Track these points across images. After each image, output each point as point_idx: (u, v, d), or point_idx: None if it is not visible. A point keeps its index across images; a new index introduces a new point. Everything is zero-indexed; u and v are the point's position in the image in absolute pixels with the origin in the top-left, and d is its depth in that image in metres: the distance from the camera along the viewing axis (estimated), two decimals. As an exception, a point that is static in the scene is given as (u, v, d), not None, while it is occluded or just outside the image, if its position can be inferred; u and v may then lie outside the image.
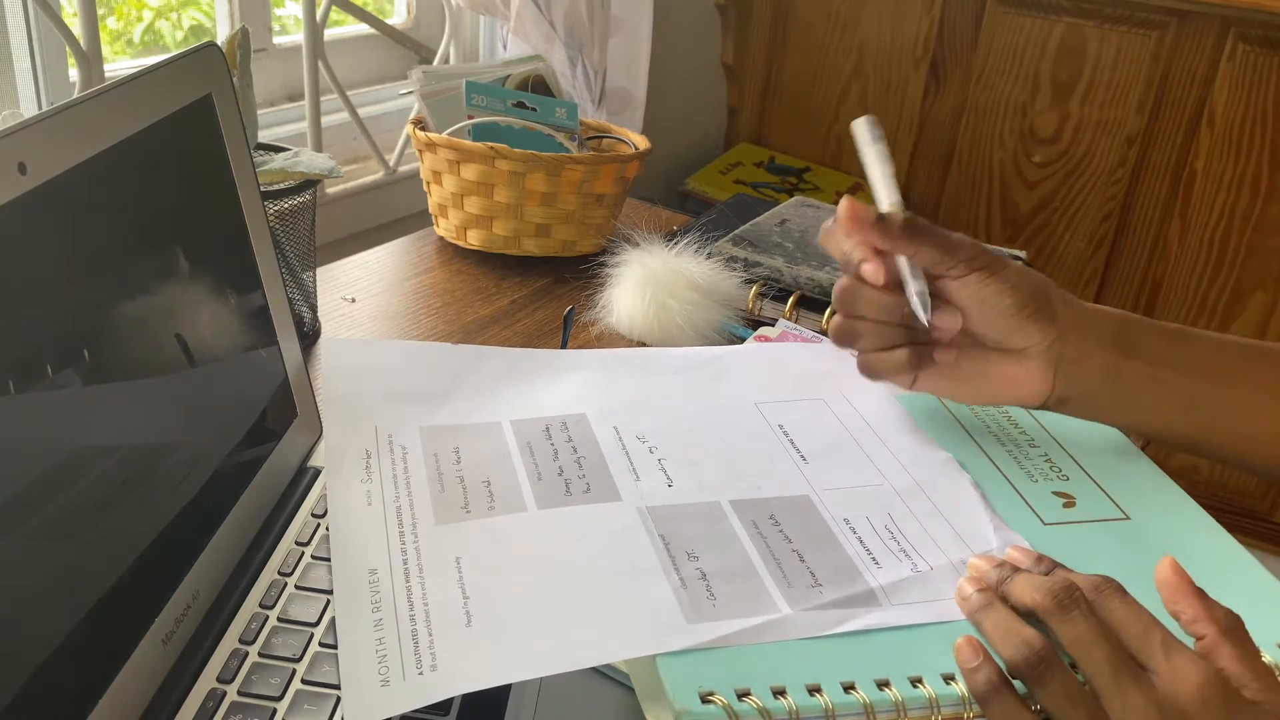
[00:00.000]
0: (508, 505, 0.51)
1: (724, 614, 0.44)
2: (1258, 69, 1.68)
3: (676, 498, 0.52)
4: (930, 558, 0.49)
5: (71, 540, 0.38)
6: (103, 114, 0.42)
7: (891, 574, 0.47)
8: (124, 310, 0.43)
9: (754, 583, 0.46)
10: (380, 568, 0.47)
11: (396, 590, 0.46)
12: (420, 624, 0.44)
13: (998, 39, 1.85)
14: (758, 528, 0.50)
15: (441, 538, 0.49)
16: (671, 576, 0.46)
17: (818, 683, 0.41)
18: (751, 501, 0.52)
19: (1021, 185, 1.91)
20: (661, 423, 0.59)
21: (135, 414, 0.43)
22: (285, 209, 0.74)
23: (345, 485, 0.53)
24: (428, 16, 1.52)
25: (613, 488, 0.53)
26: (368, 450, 0.55)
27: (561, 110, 0.99)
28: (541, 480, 0.53)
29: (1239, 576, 0.50)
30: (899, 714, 0.41)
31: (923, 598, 0.46)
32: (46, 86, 1.04)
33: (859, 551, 0.49)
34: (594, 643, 0.43)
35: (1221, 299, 1.81)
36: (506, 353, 0.65)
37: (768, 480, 0.54)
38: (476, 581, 0.46)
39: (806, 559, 0.48)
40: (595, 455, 0.55)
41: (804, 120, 2.08)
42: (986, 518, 0.52)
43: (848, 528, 0.51)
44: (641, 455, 0.55)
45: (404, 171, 1.38)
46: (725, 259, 0.85)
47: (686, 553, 0.48)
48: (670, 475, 0.54)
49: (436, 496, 0.52)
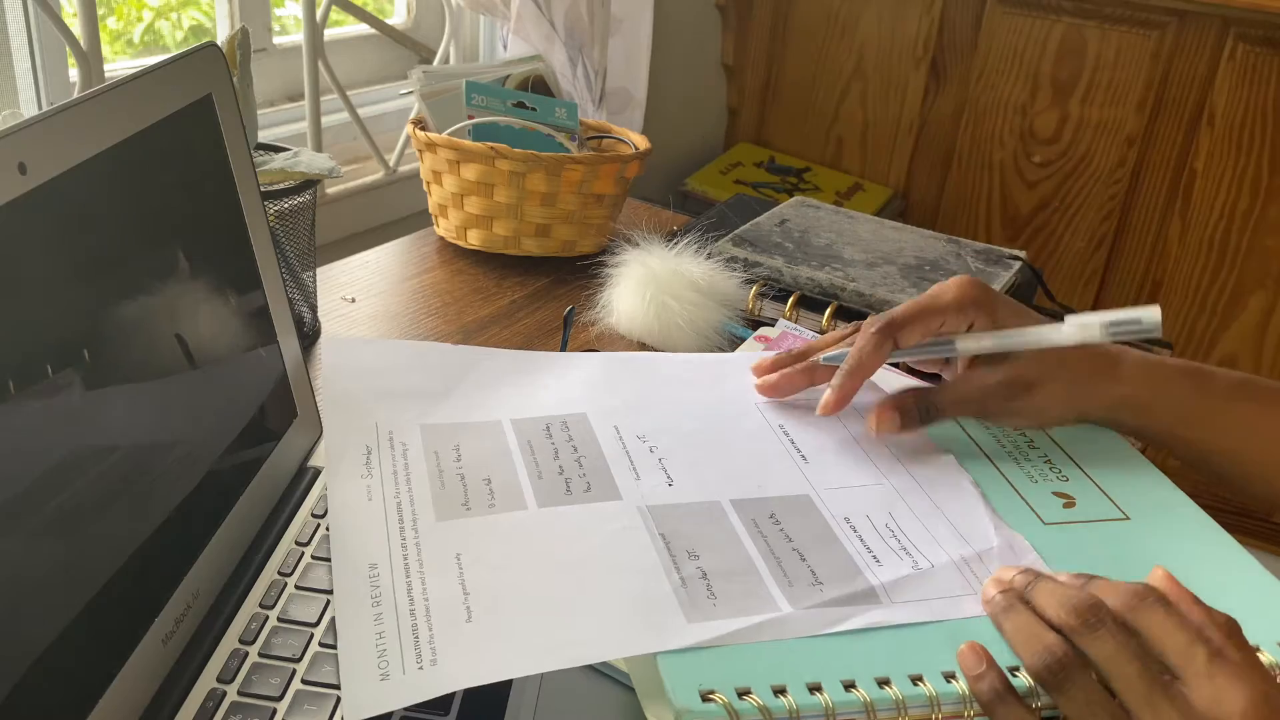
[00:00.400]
0: (508, 503, 0.51)
1: (724, 613, 0.44)
2: (1258, 69, 1.68)
3: (677, 497, 0.52)
4: (931, 555, 0.49)
5: (71, 540, 0.38)
6: (103, 114, 0.42)
7: (892, 572, 0.47)
8: (124, 310, 0.43)
9: (754, 581, 0.46)
10: (380, 563, 0.47)
11: (397, 585, 0.46)
12: (420, 619, 0.44)
13: (998, 39, 1.85)
14: (758, 526, 0.50)
15: (442, 534, 0.49)
16: (672, 575, 0.46)
17: (818, 681, 0.41)
18: (752, 501, 0.52)
19: (1021, 185, 1.92)
20: (662, 422, 0.59)
21: (135, 414, 0.43)
22: (285, 209, 0.74)
23: (345, 481, 0.53)
24: (428, 16, 1.52)
25: (613, 486, 0.52)
26: (368, 446, 0.55)
27: (561, 110, 0.99)
28: (542, 479, 0.53)
29: (1238, 576, 0.50)
30: (899, 712, 0.41)
31: (924, 595, 0.46)
32: (46, 86, 1.04)
33: (859, 550, 0.49)
34: (594, 640, 0.43)
35: (1221, 299, 1.81)
36: (507, 353, 0.65)
37: (768, 480, 0.54)
38: (477, 578, 0.46)
39: (807, 558, 0.48)
40: (596, 454, 0.55)
41: (804, 120, 2.08)
42: (987, 516, 0.52)
43: (848, 526, 0.51)
44: (642, 454, 0.55)
45: (404, 171, 1.38)
46: (725, 259, 0.85)
47: (687, 551, 0.48)
48: (671, 474, 0.54)
49: (437, 493, 0.52)
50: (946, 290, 0.59)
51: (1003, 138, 1.90)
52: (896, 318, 0.58)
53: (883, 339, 0.57)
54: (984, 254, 0.91)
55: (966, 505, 0.53)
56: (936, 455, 0.57)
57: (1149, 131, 1.79)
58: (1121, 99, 1.79)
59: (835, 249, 0.90)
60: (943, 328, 0.58)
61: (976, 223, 1.97)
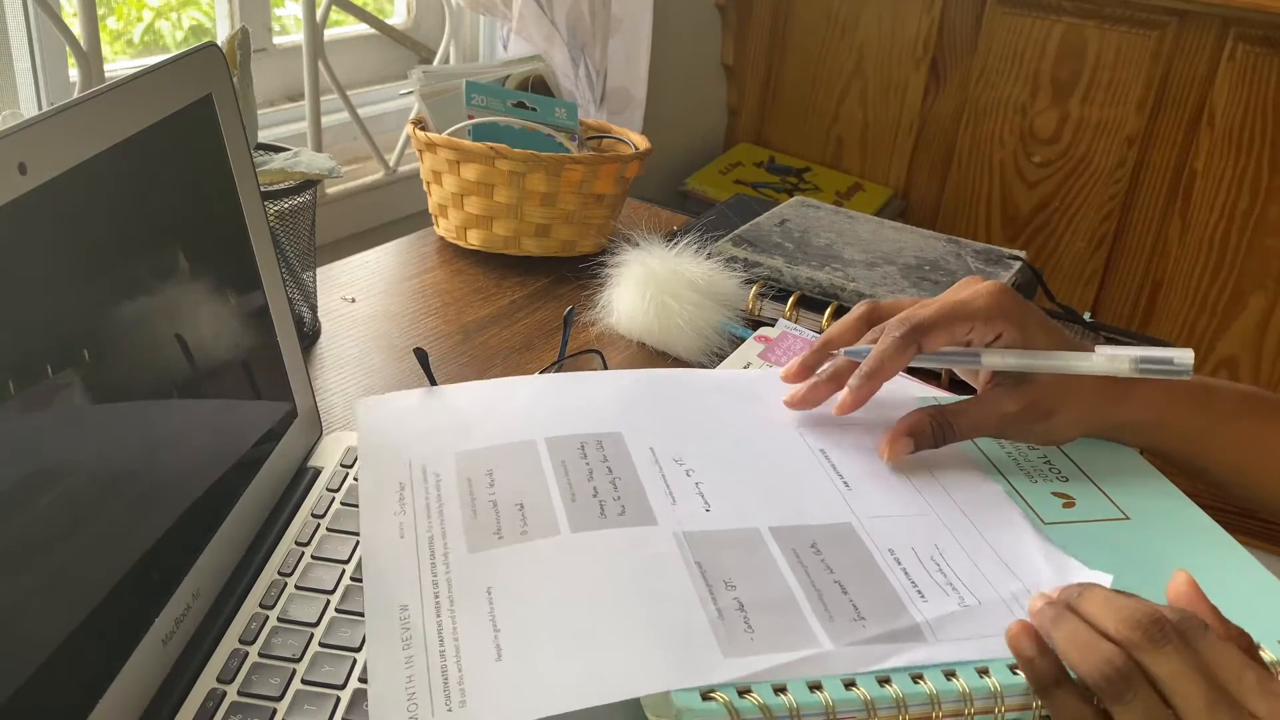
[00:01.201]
0: (541, 528, 0.49)
1: (762, 647, 0.42)
2: (1258, 69, 1.68)
3: (714, 523, 0.50)
4: (979, 592, 0.47)
5: (71, 540, 0.38)
6: (103, 114, 0.42)
7: (938, 608, 0.46)
8: (124, 310, 0.43)
9: (793, 614, 0.44)
10: (411, 604, 0.46)
11: (427, 625, 0.44)
12: (450, 659, 0.43)
13: (998, 39, 1.85)
14: (798, 556, 0.48)
15: (473, 567, 0.47)
16: (709, 606, 0.44)
17: (818, 679, 0.41)
18: (792, 529, 0.50)
19: (1021, 185, 1.92)
20: (699, 444, 0.56)
21: (135, 414, 0.43)
22: (285, 209, 0.74)
23: (379, 519, 0.51)
24: (428, 16, 1.52)
25: (648, 511, 0.50)
26: (401, 483, 0.54)
27: (561, 110, 0.99)
28: (575, 501, 0.51)
29: (1239, 576, 0.50)
30: (900, 711, 0.41)
31: (971, 634, 0.44)
32: (46, 86, 1.04)
33: (904, 584, 0.47)
34: (628, 676, 0.41)
35: (1221, 299, 1.81)
36: (540, 377, 0.64)
37: (809, 506, 0.52)
38: (508, 612, 0.45)
39: (849, 590, 0.46)
40: (631, 476, 0.53)
41: (804, 120, 2.08)
42: (1037, 547, 0.50)
43: (892, 558, 0.49)
44: (678, 478, 0.53)
45: (404, 171, 1.38)
46: (725, 259, 0.85)
47: (724, 581, 0.46)
48: (708, 499, 0.52)
49: (469, 523, 0.50)
50: (978, 297, 0.57)
51: (1003, 138, 1.90)
52: (924, 321, 0.56)
53: (906, 343, 0.55)
54: (984, 254, 0.91)
55: (1015, 537, 0.51)
56: (983, 483, 0.56)
57: (1149, 131, 1.79)
58: (1121, 99, 1.79)
59: (835, 249, 0.90)
60: (969, 334, 0.57)
61: (976, 223, 1.97)
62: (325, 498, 0.56)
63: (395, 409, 0.60)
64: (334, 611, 0.49)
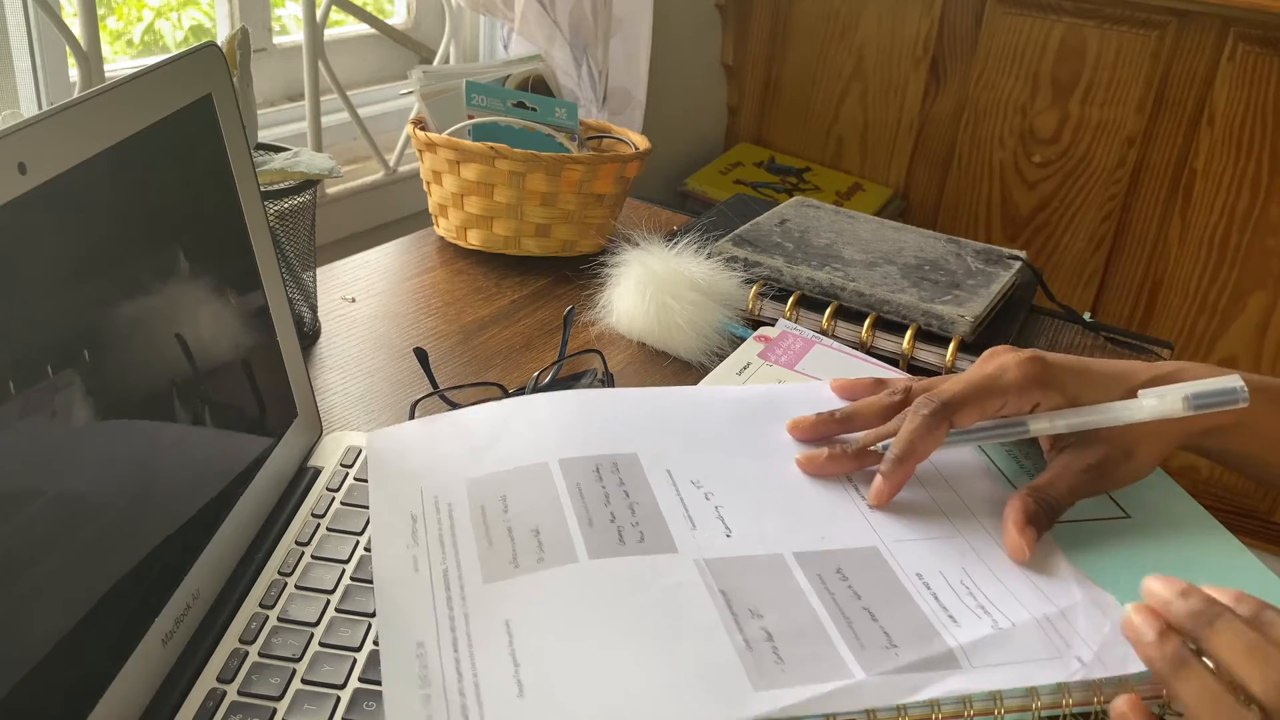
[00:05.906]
0: (558, 556, 0.48)
1: (793, 679, 0.41)
2: (1258, 69, 1.68)
3: (736, 549, 0.48)
4: (1011, 614, 0.46)
5: (71, 540, 0.38)
6: (103, 114, 0.42)
7: (971, 633, 0.44)
8: (124, 310, 0.43)
9: (823, 644, 0.43)
10: (428, 641, 0.44)
11: (445, 663, 0.43)
12: (470, 697, 0.41)
13: (998, 39, 1.85)
14: (824, 582, 0.47)
15: (490, 599, 0.46)
16: (735, 636, 0.43)
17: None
18: (817, 554, 0.49)
19: (1021, 185, 1.92)
20: (717, 466, 0.55)
21: (135, 414, 0.43)
22: (285, 209, 0.74)
23: (392, 554, 0.50)
24: (428, 16, 1.52)
25: (668, 537, 0.49)
26: (413, 515, 0.52)
27: (561, 110, 0.99)
28: (593, 526, 0.49)
29: (1239, 575, 0.50)
30: (899, 713, 0.41)
31: (1006, 659, 0.43)
32: (46, 86, 1.04)
33: (935, 609, 0.46)
34: (655, 711, 0.40)
35: (1221, 299, 1.81)
36: (547, 395, 0.62)
37: (833, 530, 0.51)
38: (527, 646, 0.43)
39: (879, 617, 0.45)
40: (649, 501, 0.51)
41: (804, 120, 2.08)
42: (1068, 570, 0.49)
43: (921, 583, 0.48)
44: (697, 502, 0.52)
45: (404, 171, 1.38)
46: (725, 259, 0.85)
47: (749, 610, 0.44)
48: (729, 524, 0.50)
49: (484, 553, 0.49)
50: (1006, 370, 0.54)
51: (1003, 138, 1.90)
52: (954, 399, 0.53)
53: (937, 422, 0.53)
54: (984, 254, 0.91)
55: (1045, 559, 0.50)
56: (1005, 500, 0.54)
57: (1149, 131, 1.79)
58: (1121, 99, 1.79)
59: (835, 249, 0.90)
60: (1003, 409, 0.54)
61: (976, 223, 1.97)
62: (325, 498, 0.56)
63: (405, 439, 0.58)
64: (334, 611, 0.49)
